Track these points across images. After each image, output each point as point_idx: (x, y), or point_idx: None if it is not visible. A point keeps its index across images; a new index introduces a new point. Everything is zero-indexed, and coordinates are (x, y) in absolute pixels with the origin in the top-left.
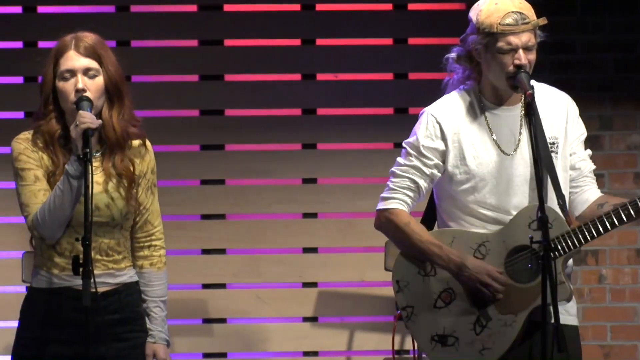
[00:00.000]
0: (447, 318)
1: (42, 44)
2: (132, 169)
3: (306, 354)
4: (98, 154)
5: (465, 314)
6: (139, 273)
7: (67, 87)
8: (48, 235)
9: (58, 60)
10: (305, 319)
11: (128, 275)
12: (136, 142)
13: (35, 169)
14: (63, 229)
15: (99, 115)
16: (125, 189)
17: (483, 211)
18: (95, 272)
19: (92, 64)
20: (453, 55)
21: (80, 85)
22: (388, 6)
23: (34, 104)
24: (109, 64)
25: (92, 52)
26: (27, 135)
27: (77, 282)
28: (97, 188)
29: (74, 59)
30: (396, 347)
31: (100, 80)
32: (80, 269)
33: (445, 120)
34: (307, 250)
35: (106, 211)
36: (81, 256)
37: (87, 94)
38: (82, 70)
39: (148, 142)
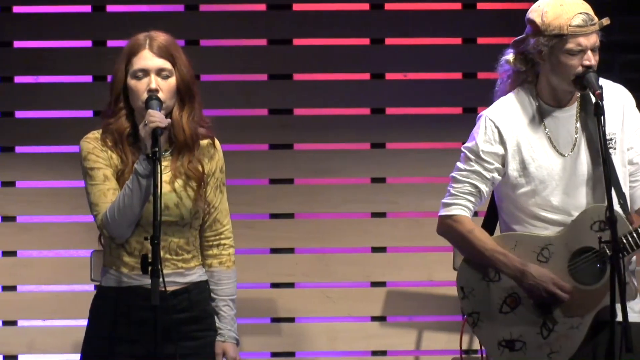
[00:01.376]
0: (514, 323)
1: (111, 43)
2: (200, 169)
3: (374, 353)
4: (167, 153)
5: (531, 318)
6: (208, 272)
7: (140, 86)
8: (118, 235)
9: (131, 59)
10: (374, 318)
11: (197, 274)
12: (205, 142)
13: (104, 168)
14: (132, 228)
15: (169, 115)
16: (194, 189)
17: (544, 213)
18: (165, 271)
19: (166, 64)
20: (508, 57)
21: (153, 85)
22: (457, 5)
23: (102, 103)
24: (181, 65)
25: (165, 53)
26: (95, 134)
27: (147, 281)
28: (166, 187)
29: (148, 59)
30: (464, 347)
31: (172, 81)
32: (149, 268)
33: (504, 124)
34: (375, 249)
35: (175, 210)
36: (150, 255)
37: (160, 94)
38: (155, 70)
39: (217, 142)
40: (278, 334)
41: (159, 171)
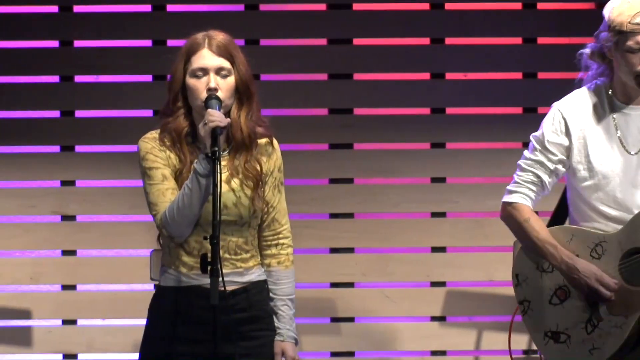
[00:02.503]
0: (561, 315)
1: (170, 43)
2: (258, 168)
3: (434, 353)
4: (225, 152)
5: (578, 313)
6: (267, 271)
7: (199, 85)
8: (177, 234)
9: (190, 57)
10: (433, 318)
11: (256, 274)
12: (263, 141)
13: (162, 167)
14: (192, 228)
15: (227, 114)
16: (251, 189)
17: (605, 209)
18: (224, 270)
19: (225, 63)
20: (587, 51)
21: (212, 84)
22: (517, 5)
23: (162, 102)
24: (240, 64)
25: (225, 52)
26: (154, 134)
27: (206, 280)
28: (224, 187)
29: (207, 58)
30: (524, 347)
31: (231, 80)
32: (209, 268)
33: (572, 116)
34: (435, 249)
35: (234, 210)
36: (209, 255)
37: (219, 93)
38: (214, 69)
39: (275, 141)
40: (337, 333)
41: (219, 171)
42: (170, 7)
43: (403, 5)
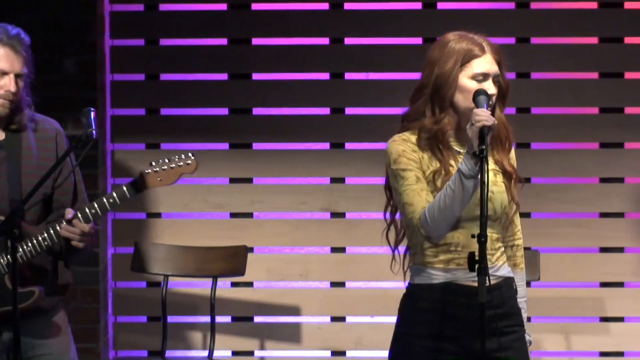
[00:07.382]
0: None
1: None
2: (515, 166)
3: None
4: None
5: None
6: None
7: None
8: (435, 234)
9: (470, 60)
10: None
11: (507, 270)
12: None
13: (416, 169)
14: (450, 229)
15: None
16: (505, 184)
17: None
18: None
19: (497, 69)
20: None
21: (493, 91)
22: None
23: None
24: (503, 68)
25: (499, 58)
26: (403, 136)
27: (462, 276)
28: (490, 185)
29: (491, 64)
30: None
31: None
32: (476, 266)
33: None
34: None
35: (490, 205)
36: (477, 253)
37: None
38: (494, 75)
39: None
40: (607, 333)
41: (486, 170)
42: (441, 5)
43: (634, 5)
